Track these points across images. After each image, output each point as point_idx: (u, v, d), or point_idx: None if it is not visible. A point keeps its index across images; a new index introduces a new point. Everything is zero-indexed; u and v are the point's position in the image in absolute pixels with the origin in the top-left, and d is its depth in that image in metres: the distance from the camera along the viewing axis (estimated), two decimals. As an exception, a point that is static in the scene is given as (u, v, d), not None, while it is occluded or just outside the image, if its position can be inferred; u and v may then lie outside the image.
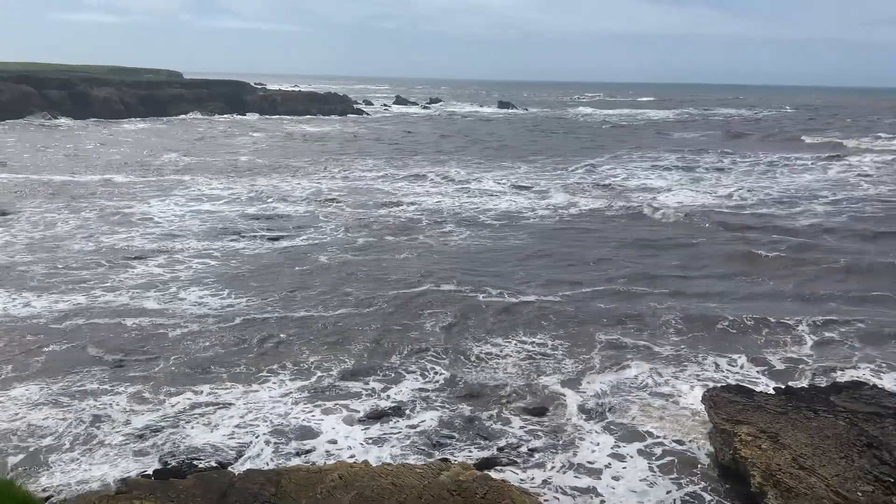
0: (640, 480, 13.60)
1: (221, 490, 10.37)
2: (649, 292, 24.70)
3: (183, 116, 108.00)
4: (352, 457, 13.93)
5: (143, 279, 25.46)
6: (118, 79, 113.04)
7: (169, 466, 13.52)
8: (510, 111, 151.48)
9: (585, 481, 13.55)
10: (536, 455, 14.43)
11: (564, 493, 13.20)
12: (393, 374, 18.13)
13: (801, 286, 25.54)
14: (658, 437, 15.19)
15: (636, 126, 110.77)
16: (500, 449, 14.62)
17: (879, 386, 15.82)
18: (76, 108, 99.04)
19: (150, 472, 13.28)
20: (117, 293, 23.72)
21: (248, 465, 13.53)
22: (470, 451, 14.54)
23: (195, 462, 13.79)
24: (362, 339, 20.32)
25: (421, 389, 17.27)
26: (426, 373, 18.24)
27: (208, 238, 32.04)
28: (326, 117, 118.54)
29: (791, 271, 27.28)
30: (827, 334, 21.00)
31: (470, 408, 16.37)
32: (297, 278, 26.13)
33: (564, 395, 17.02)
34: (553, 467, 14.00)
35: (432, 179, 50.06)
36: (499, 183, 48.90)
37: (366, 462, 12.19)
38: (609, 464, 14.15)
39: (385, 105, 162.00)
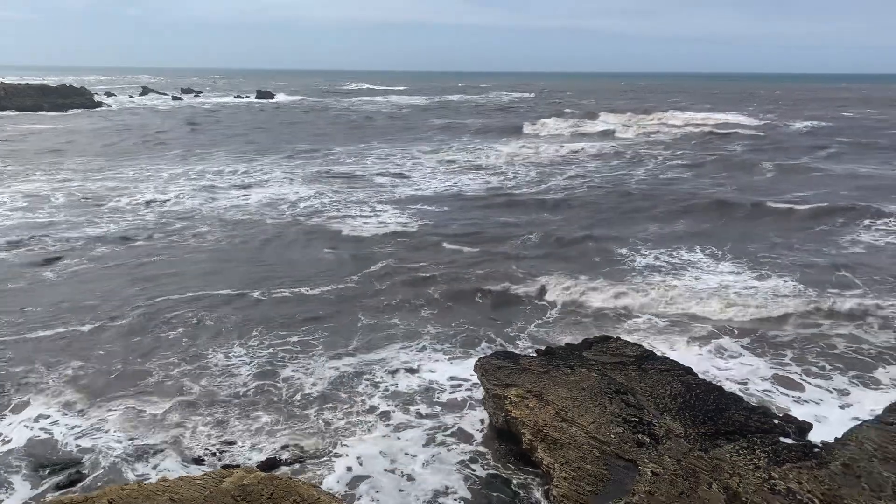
0: (426, 456, 14.09)
1: (-33, 541, 9.14)
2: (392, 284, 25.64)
3: None
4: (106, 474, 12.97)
5: None
6: None
7: None
8: (268, 101, 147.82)
9: (379, 464, 13.77)
10: (323, 445, 14.40)
11: (360, 478, 13.32)
12: (159, 383, 17.06)
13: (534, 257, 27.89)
14: (434, 411, 15.88)
15: (396, 114, 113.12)
16: (284, 447, 14.38)
17: (623, 339, 17.71)
18: None
19: None
20: None
21: (-2, 508, 12.08)
22: (252, 455, 14.13)
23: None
24: (118, 353, 18.90)
25: (188, 399, 16.36)
26: (190, 379, 17.35)
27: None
28: (63, 113, 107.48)
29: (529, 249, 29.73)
30: (571, 296, 23.23)
31: (241, 409, 15.90)
32: (30, 293, 23.53)
33: (340, 382, 17.18)
34: (339, 454, 14.07)
35: (168, 177, 46.69)
36: (235, 174, 48.12)
37: (139, 482, 11.37)
38: (390, 445, 14.46)
39: (130, 97, 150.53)
